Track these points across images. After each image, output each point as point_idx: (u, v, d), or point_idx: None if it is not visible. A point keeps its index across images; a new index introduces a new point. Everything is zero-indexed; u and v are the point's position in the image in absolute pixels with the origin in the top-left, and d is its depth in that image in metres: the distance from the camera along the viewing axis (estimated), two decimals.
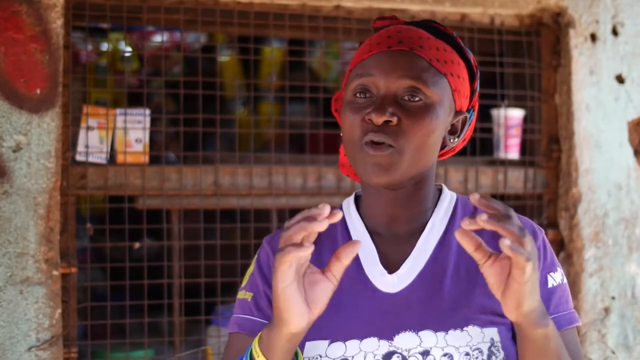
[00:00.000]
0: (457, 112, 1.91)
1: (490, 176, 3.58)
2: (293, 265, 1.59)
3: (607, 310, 3.58)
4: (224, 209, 3.30)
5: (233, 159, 3.32)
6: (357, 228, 1.93)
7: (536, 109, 3.68)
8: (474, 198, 1.56)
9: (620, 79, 3.65)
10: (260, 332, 1.70)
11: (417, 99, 1.82)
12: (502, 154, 3.61)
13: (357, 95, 1.85)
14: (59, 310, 2.97)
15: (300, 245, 1.57)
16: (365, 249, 1.89)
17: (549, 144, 3.67)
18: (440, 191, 1.97)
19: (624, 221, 3.65)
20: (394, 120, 1.80)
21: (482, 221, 1.53)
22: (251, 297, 1.91)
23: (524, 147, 3.68)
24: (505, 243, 1.52)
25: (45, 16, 2.95)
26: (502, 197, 3.56)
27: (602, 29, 3.64)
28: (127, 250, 3.17)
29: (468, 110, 1.95)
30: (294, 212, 3.14)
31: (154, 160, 3.26)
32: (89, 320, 3.16)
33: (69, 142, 3.07)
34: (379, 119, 1.79)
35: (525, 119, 3.67)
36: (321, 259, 1.86)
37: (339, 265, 1.63)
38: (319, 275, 1.64)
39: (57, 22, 2.97)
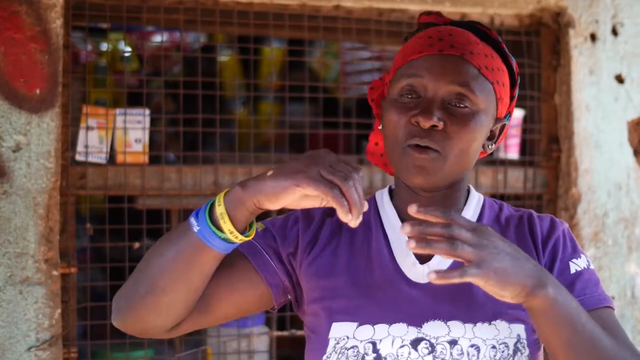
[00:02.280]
0: (498, 119, 1.93)
1: (490, 176, 3.57)
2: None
3: None
4: None
5: (233, 159, 3.31)
6: (390, 218, 1.95)
7: (536, 108, 3.68)
8: (412, 210, 1.61)
9: (620, 79, 3.65)
10: (227, 189, 1.74)
11: (463, 105, 1.84)
12: (501, 154, 3.61)
13: (404, 95, 1.86)
14: (59, 310, 2.97)
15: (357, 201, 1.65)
16: (397, 238, 1.92)
17: (548, 144, 3.67)
18: (468, 192, 1.99)
19: (623, 221, 3.65)
20: (440, 125, 1.81)
21: (413, 212, 1.60)
22: (262, 229, 1.94)
23: (524, 147, 3.68)
24: (410, 245, 1.57)
25: (44, 16, 2.95)
26: (502, 197, 3.56)
27: (601, 29, 3.64)
28: (126, 250, 3.17)
29: (505, 116, 1.97)
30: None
31: (154, 160, 3.26)
32: (89, 320, 3.15)
33: (68, 142, 3.07)
34: (426, 123, 1.80)
35: (525, 119, 3.67)
36: (355, 240, 1.92)
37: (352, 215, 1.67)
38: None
39: (56, 22, 2.97)
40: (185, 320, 1.85)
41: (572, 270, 1.88)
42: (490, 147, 1.95)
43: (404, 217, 1.94)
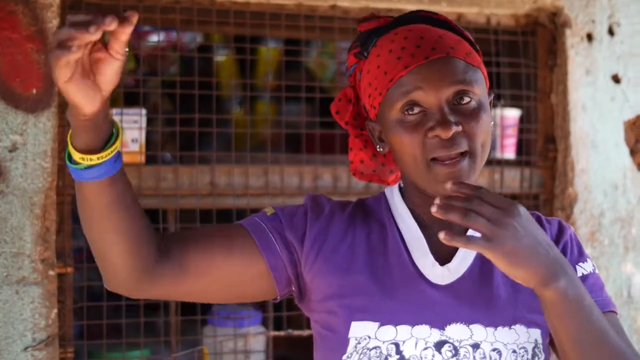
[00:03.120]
0: (489, 94, 1.95)
1: (486, 176, 3.57)
2: (70, 63, 1.57)
3: None
4: (220, 209, 3.29)
5: (229, 159, 3.31)
6: (404, 216, 1.93)
7: (532, 108, 3.68)
8: (447, 186, 1.65)
9: (616, 79, 3.66)
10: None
11: (466, 99, 1.84)
12: (498, 154, 3.61)
13: (407, 113, 1.84)
14: (55, 310, 2.96)
15: (69, 48, 1.54)
16: (413, 238, 1.90)
17: (545, 144, 3.67)
18: None
19: (620, 221, 3.65)
20: (460, 128, 1.80)
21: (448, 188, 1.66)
22: (271, 213, 1.92)
23: (520, 147, 3.68)
24: (433, 210, 1.61)
25: (41, 16, 2.95)
26: None
27: (598, 29, 3.64)
28: None
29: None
30: None
31: (150, 160, 3.26)
32: (85, 320, 3.15)
33: (65, 142, 3.06)
34: (447, 134, 1.79)
35: (522, 119, 3.67)
36: (370, 238, 1.90)
37: (119, 42, 1.62)
38: (103, 54, 1.62)
39: (53, 22, 2.97)
40: (163, 277, 1.82)
41: (579, 274, 1.87)
42: (492, 124, 1.94)
43: (416, 216, 1.93)
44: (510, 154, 3.64)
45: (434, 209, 1.59)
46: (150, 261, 1.80)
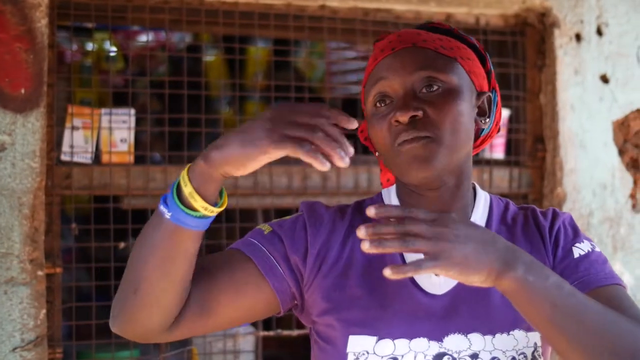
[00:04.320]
0: (480, 93, 1.90)
1: (475, 176, 3.57)
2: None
3: None
4: None
5: None
6: None
7: (521, 108, 3.68)
8: (370, 212, 1.57)
9: (604, 79, 3.67)
10: (189, 164, 1.67)
11: (435, 87, 1.81)
12: (487, 154, 3.62)
13: (378, 105, 1.84)
14: (44, 311, 2.96)
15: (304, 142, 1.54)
16: None
17: (534, 144, 3.68)
18: (474, 190, 1.95)
19: (608, 220, 3.66)
20: (420, 113, 1.78)
21: (372, 214, 1.57)
22: (269, 231, 1.89)
23: (509, 147, 3.68)
24: (364, 247, 1.54)
25: (29, 15, 2.94)
26: None
27: (586, 29, 3.65)
28: (112, 250, 3.16)
29: (490, 91, 1.94)
30: (279, 211, 3.14)
31: (139, 160, 3.25)
32: (74, 321, 3.15)
33: (53, 142, 3.06)
34: (404, 117, 1.78)
35: (511, 119, 3.67)
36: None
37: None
38: None
39: (41, 22, 2.96)
40: (184, 321, 1.78)
41: (576, 255, 1.85)
42: (484, 122, 1.90)
43: None
44: (499, 153, 3.64)
45: (366, 246, 1.54)
46: (181, 307, 1.79)
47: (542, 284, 1.62)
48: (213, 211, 1.67)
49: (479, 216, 1.91)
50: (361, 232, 1.54)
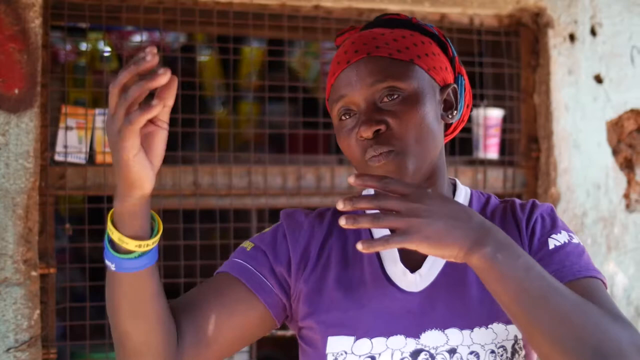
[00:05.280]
0: (443, 87, 1.90)
1: (469, 176, 3.58)
2: (136, 132, 1.55)
3: None
4: (203, 209, 3.29)
5: (212, 159, 3.31)
6: None
7: (515, 108, 3.69)
8: (351, 180, 1.59)
9: (598, 79, 3.67)
10: (111, 210, 1.66)
11: (395, 96, 1.82)
12: (481, 154, 3.62)
13: (342, 118, 1.85)
14: (38, 311, 2.95)
15: (141, 108, 1.55)
16: None
17: (528, 144, 3.68)
18: (454, 185, 1.96)
19: (602, 220, 3.66)
20: (382, 126, 1.79)
21: (352, 182, 1.59)
22: (251, 247, 1.90)
23: (503, 147, 3.69)
24: (341, 223, 1.55)
25: (23, 15, 2.94)
26: None
27: (580, 29, 3.66)
28: None
29: (456, 80, 1.93)
30: (273, 212, 3.14)
31: None
32: (68, 321, 3.14)
33: (47, 142, 3.06)
34: (367, 133, 1.79)
35: (505, 119, 3.68)
36: (346, 250, 1.89)
37: (165, 109, 1.61)
38: (151, 127, 1.61)
39: (35, 22, 2.96)
40: (185, 354, 1.78)
41: (551, 246, 1.84)
42: (452, 115, 1.90)
43: None
44: (493, 154, 3.65)
45: (342, 222, 1.55)
46: (175, 343, 1.78)
47: (511, 263, 1.60)
48: (148, 244, 1.67)
49: None
50: (339, 205, 1.56)
